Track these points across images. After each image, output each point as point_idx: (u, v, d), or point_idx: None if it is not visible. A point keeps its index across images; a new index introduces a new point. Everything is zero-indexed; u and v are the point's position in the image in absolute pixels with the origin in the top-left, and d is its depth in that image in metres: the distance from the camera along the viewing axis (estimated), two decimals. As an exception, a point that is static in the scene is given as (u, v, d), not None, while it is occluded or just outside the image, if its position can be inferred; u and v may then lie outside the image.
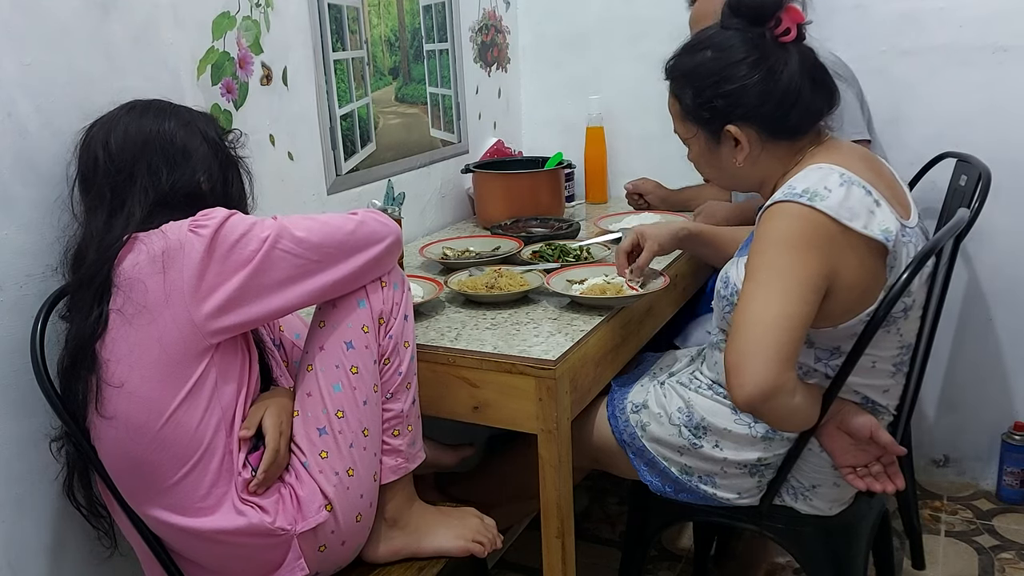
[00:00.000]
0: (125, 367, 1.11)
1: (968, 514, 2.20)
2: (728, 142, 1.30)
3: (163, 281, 1.09)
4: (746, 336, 1.13)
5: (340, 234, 1.19)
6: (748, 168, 1.31)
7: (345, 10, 1.86)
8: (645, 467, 1.45)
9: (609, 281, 1.57)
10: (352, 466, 1.22)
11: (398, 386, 1.28)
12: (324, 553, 1.22)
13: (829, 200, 1.16)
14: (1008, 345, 2.22)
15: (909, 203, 1.27)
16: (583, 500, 2.30)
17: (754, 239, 1.22)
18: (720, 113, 1.28)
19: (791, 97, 1.25)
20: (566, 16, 2.52)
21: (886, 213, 1.19)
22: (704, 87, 1.28)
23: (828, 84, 1.29)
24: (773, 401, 1.12)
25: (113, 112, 1.22)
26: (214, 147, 1.23)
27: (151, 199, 1.15)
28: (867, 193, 1.19)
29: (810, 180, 1.19)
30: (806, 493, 1.35)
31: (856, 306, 1.19)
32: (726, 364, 1.15)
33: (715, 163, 1.36)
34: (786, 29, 1.24)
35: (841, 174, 1.20)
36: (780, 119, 1.26)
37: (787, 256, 1.15)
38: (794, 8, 1.24)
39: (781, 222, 1.18)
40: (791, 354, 1.12)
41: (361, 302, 1.24)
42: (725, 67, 1.26)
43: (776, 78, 1.24)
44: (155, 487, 1.14)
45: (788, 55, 1.25)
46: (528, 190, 2.13)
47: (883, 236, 1.16)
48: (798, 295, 1.13)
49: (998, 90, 2.06)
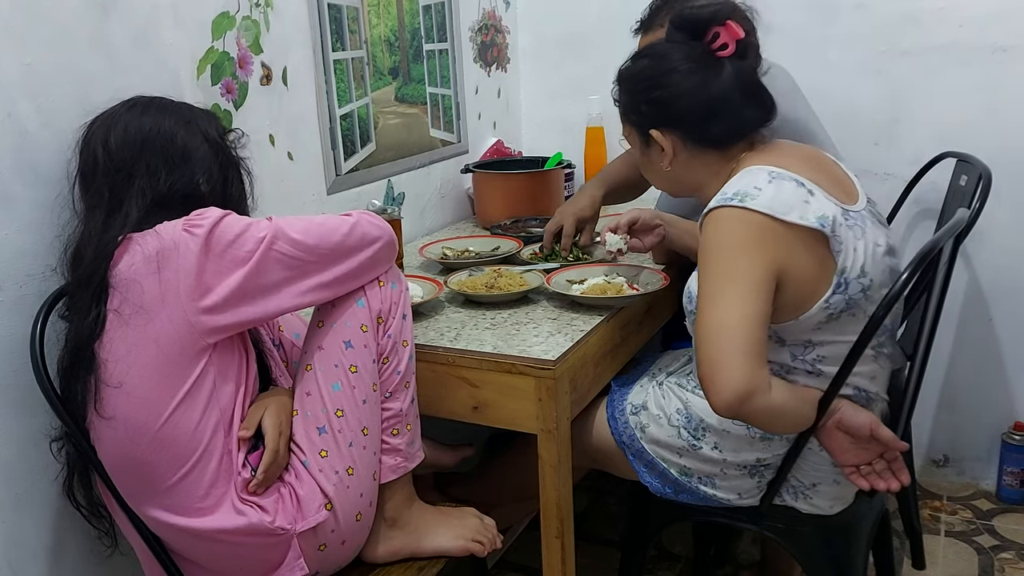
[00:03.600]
0: (123, 367, 1.10)
1: (968, 514, 2.20)
2: (656, 146, 1.36)
3: (158, 281, 1.09)
4: (713, 345, 1.14)
5: (335, 236, 1.19)
6: (678, 172, 1.37)
7: (345, 10, 1.86)
8: (644, 468, 1.45)
9: (609, 281, 1.57)
10: (352, 465, 1.22)
11: (397, 385, 1.28)
12: (324, 552, 1.22)
13: (760, 198, 1.19)
14: (1008, 345, 2.22)
15: (856, 190, 1.30)
16: (583, 500, 2.30)
17: (699, 249, 1.24)
18: (647, 118, 1.35)
19: (718, 109, 1.29)
20: (566, 16, 2.52)
21: (821, 201, 1.21)
22: (636, 92, 1.36)
23: (764, 100, 1.32)
24: (752, 402, 1.12)
25: (115, 108, 1.21)
26: (215, 147, 1.22)
27: (148, 200, 1.15)
28: (799, 185, 1.21)
29: (740, 183, 1.22)
30: (807, 492, 1.35)
31: (810, 295, 1.21)
32: (700, 376, 1.16)
33: (647, 165, 1.43)
34: (723, 44, 1.28)
35: (770, 172, 1.23)
36: (704, 129, 1.31)
37: (733, 259, 1.17)
38: (733, 25, 1.27)
39: (720, 228, 1.21)
40: (760, 352, 1.14)
41: (359, 301, 1.24)
42: (657, 75, 1.32)
43: (704, 89, 1.29)
44: (154, 487, 1.14)
45: (722, 69, 1.28)
46: (528, 190, 2.13)
47: (819, 223, 1.19)
48: (753, 295, 1.15)
49: (998, 90, 2.06)
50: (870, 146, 2.20)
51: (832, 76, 2.15)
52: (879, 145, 2.20)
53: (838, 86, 2.14)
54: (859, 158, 2.03)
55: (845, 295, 1.21)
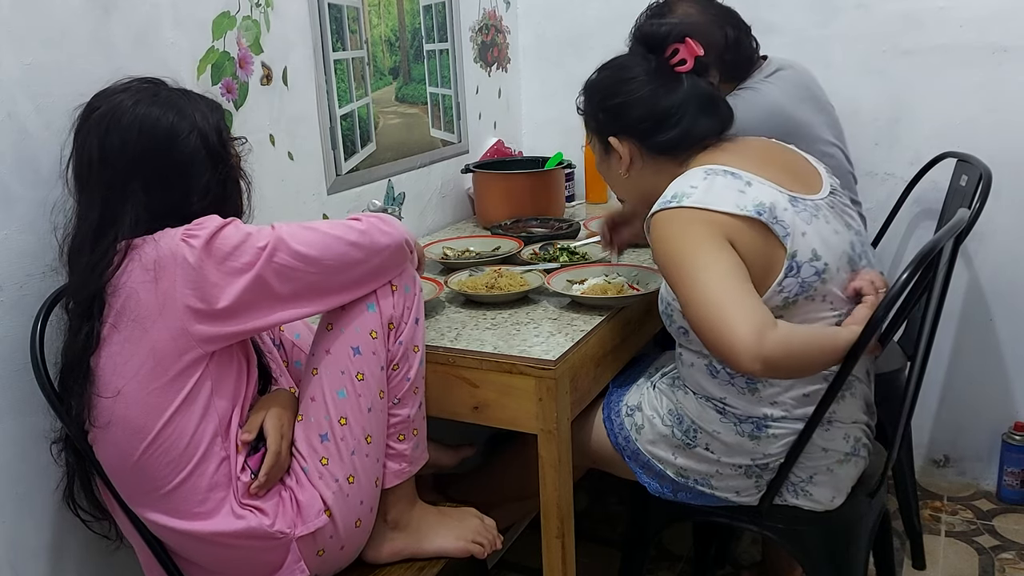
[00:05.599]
0: (120, 377, 1.10)
1: (968, 514, 2.20)
2: (615, 153, 1.40)
3: (156, 291, 1.08)
4: (706, 314, 1.14)
5: (340, 245, 1.16)
6: (634, 179, 1.41)
7: (345, 10, 1.86)
8: (641, 469, 1.45)
9: (609, 281, 1.57)
10: (353, 473, 1.21)
11: (406, 392, 1.27)
12: (323, 557, 1.22)
13: (695, 195, 1.22)
14: (1008, 345, 2.22)
15: (820, 181, 1.32)
16: (583, 500, 2.30)
17: (653, 255, 1.27)
18: (605, 125, 1.40)
19: (671, 118, 1.34)
20: (566, 16, 2.52)
21: (758, 189, 1.23)
22: (594, 99, 1.42)
23: (719, 111, 1.37)
24: (767, 340, 1.10)
25: (118, 97, 1.15)
26: (215, 158, 1.17)
27: (142, 210, 1.11)
28: (733, 178, 1.25)
29: (677, 185, 1.26)
30: (805, 487, 1.35)
31: (763, 279, 1.22)
32: (713, 351, 1.16)
33: (607, 173, 1.46)
34: (681, 60, 1.34)
35: (706, 170, 1.26)
36: (657, 137, 1.35)
37: (685, 245, 1.20)
38: (692, 43, 1.33)
39: (664, 229, 1.23)
40: (747, 295, 1.15)
41: (371, 306, 1.22)
42: (614, 83, 1.38)
43: (659, 99, 1.34)
44: (153, 493, 1.14)
45: (679, 83, 1.34)
46: (528, 190, 2.13)
47: (755, 211, 1.21)
48: (715, 256, 1.17)
49: (998, 90, 2.06)
50: (870, 146, 2.20)
51: (832, 76, 2.14)
52: (879, 145, 2.20)
53: (838, 86, 2.13)
54: (859, 158, 2.03)
55: (798, 278, 1.22)
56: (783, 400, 1.30)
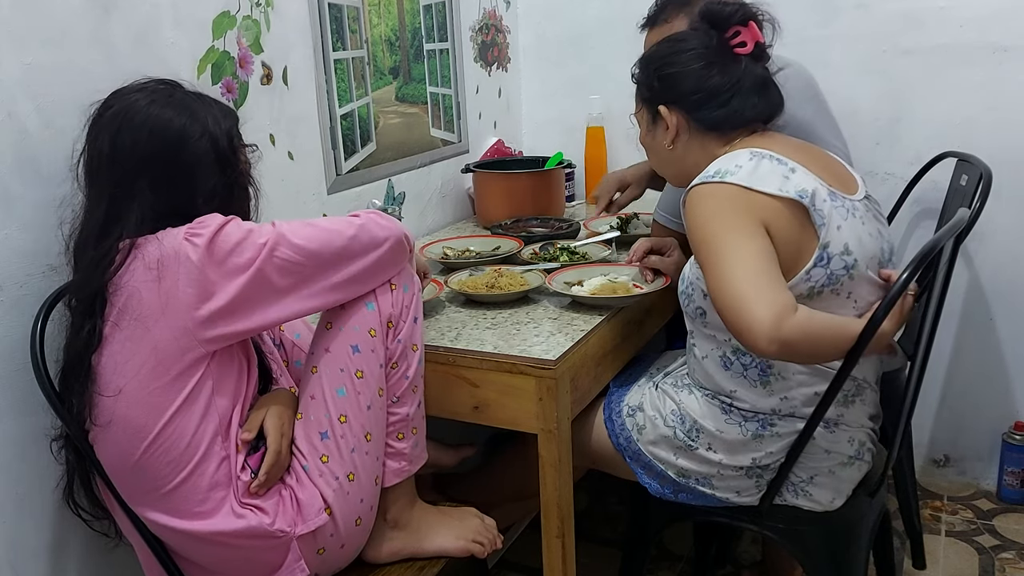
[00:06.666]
0: (121, 376, 1.10)
1: (969, 514, 2.20)
2: (662, 123, 1.40)
3: (158, 289, 1.08)
4: (729, 294, 1.16)
5: (339, 240, 1.17)
6: (679, 152, 1.40)
7: (345, 10, 1.86)
8: (642, 470, 1.45)
9: (613, 281, 1.57)
10: (353, 471, 1.22)
11: (405, 390, 1.27)
12: (323, 556, 1.22)
13: (739, 174, 1.23)
14: (1008, 345, 2.22)
15: (856, 184, 1.34)
16: (583, 500, 2.30)
17: (687, 228, 1.28)
18: (657, 93, 1.40)
19: (722, 95, 1.34)
20: (566, 16, 2.52)
21: (802, 176, 1.24)
22: (650, 68, 1.42)
23: (771, 96, 1.37)
24: (785, 325, 1.11)
25: (133, 96, 1.16)
26: (223, 163, 1.18)
27: (148, 209, 1.12)
28: (779, 163, 1.25)
29: (722, 163, 1.28)
30: (805, 487, 1.35)
31: (793, 263, 1.22)
32: (732, 331, 1.17)
33: (651, 144, 1.46)
34: (742, 42, 1.34)
35: (752, 151, 1.27)
36: (706, 111, 1.35)
37: (720, 222, 1.21)
38: (756, 27, 1.34)
39: (701, 202, 1.25)
40: (773, 279, 1.16)
41: (369, 305, 1.22)
42: (672, 54, 1.39)
43: (712, 74, 1.34)
44: (152, 492, 1.14)
45: (736, 63, 1.34)
46: (528, 190, 2.13)
47: (798, 195, 1.22)
48: (747, 239, 1.19)
49: (999, 90, 2.06)
50: (871, 146, 2.20)
51: (832, 76, 2.13)
52: (880, 145, 2.20)
53: (838, 86, 2.13)
54: (860, 158, 2.02)
55: (827, 269, 1.23)
56: (792, 396, 1.30)
